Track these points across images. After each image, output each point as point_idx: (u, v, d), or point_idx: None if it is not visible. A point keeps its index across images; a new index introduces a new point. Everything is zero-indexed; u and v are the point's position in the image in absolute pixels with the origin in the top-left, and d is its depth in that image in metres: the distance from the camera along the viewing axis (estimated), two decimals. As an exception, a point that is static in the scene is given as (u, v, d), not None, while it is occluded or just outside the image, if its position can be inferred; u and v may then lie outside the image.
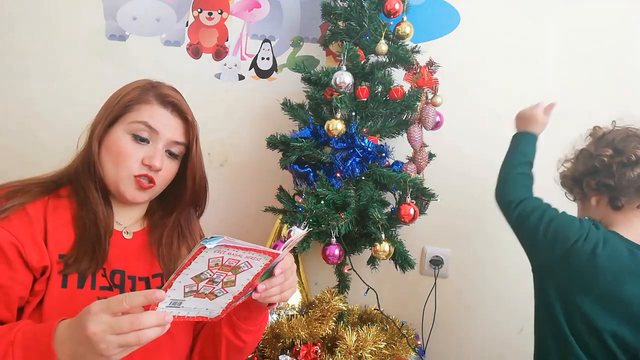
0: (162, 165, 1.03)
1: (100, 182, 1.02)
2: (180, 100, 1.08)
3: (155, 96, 1.05)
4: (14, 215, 0.92)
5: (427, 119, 1.45)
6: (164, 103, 1.05)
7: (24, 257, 0.90)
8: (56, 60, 1.83)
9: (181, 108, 1.07)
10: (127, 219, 1.08)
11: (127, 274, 1.02)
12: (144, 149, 1.02)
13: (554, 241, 1.25)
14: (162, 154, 1.04)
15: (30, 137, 1.83)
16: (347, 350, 1.32)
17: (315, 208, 1.38)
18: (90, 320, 0.72)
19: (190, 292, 0.80)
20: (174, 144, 1.06)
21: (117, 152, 1.01)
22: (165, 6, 1.80)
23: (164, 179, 1.06)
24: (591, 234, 1.23)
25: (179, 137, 1.06)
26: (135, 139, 1.02)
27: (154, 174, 1.03)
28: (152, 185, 1.03)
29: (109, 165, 1.02)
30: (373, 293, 1.53)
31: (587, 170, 1.32)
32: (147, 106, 1.04)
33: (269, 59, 1.80)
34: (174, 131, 1.05)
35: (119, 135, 1.02)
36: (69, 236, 0.97)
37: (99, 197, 1.01)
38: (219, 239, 0.74)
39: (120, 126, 1.03)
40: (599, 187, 1.29)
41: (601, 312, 1.20)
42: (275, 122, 1.65)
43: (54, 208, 0.98)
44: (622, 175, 1.24)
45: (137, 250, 1.07)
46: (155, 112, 1.04)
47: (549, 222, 1.27)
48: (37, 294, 0.92)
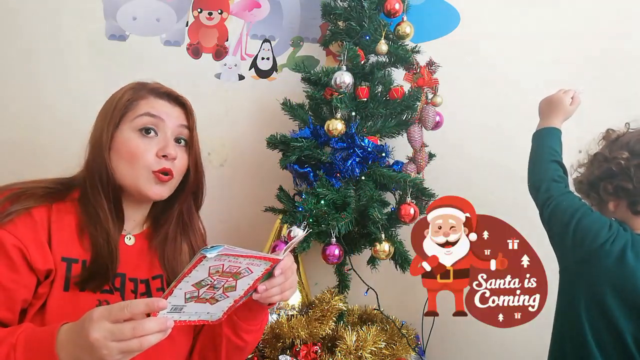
0: (177, 153, 1.03)
1: (114, 190, 1.01)
2: (173, 90, 1.09)
3: (148, 91, 1.06)
4: (19, 218, 0.92)
5: (427, 119, 1.45)
6: (159, 95, 1.07)
7: (28, 261, 0.90)
8: (56, 60, 1.82)
9: (176, 95, 1.08)
10: (131, 222, 1.08)
11: (128, 277, 1.02)
12: (155, 142, 1.02)
13: (583, 240, 1.22)
14: (173, 142, 1.04)
15: (29, 137, 1.83)
16: (347, 350, 1.32)
17: (315, 208, 1.38)
18: (92, 327, 0.72)
19: (191, 298, 0.80)
20: (181, 128, 1.06)
21: (129, 152, 1.01)
22: (165, 6, 1.80)
23: (179, 170, 1.06)
24: (620, 235, 1.21)
25: (184, 120, 1.07)
26: (143, 133, 1.02)
27: (171, 165, 1.03)
28: (170, 177, 1.03)
29: (124, 169, 1.01)
30: (373, 293, 1.53)
31: (603, 174, 1.29)
32: (144, 100, 1.05)
33: (269, 59, 1.80)
34: (176, 117, 1.06)
35: (126, 136, 1.02)
36: (73, 240, 0.97)
37: (109, 210, 1.00)
38: (219, 248, 0.74)
39: (124, 126, 1.03)
40: (617, 191, 1.26)
41: (626, 313, 1.19)
42: (275, 122, 1.65)
43: (58, 211, 0.98)
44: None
45: (137, 254, 1.07)
46: (154, 103, 1.05)
47: (579, 220, 1.24)
48: (40, 297, 0.92)
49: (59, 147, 1.70)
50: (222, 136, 1.81)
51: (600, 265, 1.21)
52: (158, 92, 1.07)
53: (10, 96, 1.84)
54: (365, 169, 1.45)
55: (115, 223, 1.00)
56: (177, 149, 1.05)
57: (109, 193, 1.00)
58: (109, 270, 0.97)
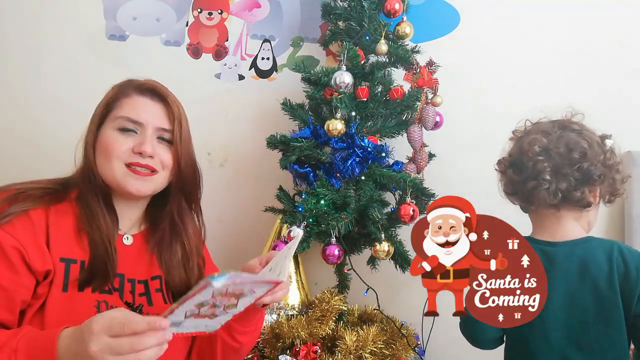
0: (154, 150, 1.02)
1: (101, 189, 1.01)
2: (158, 85, 1.08)
3: (132, 88, 1.06)
4: (17, 219, 0.92)
5: (427, 119, 1.45)
6: (141, 91, 1.06)
7: (27, 261, 0.90)
8: (56, 60, 1.82)
9: (159, 92, 1.07)
10: (126, 221, 1.07)
11: (127, 277, 1.02)
12: (132, 139, 1.02)
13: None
14: (151, 140, 1.02)
15: (29, 137, 1.83)
16: (347, 350, 1.32)
17: (315, 208, 1.38)
18: (91, 339, 0.73)
19: (191, 315, 0.80)
20: (162, 131, 1.05)
21: (106, 147, 1.01)
22: (165, 6, 1.80)
23: (164, 166, 1.05)
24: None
25: (164, 123, 1.05)
26: (122, 131, 1.02)
27: (150, 161, 1.02)
28: (152, 173, 1.02)
29: (102, 164, 1.01)
30: (373, 293, 1.53)
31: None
32: (127, 99, 1.04)
33: (269, 59, 1.80)
34: (157, 117, 1.04)
35: (106, 134, 1.02)
36: (72, 241, 0.97)
37: (102, 209, 1.00)
38: (226, 276, 0.73)
39: (106, 125, 1.03)
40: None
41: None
42: (275, 122, 1.65)
43: (56, 212, 0.98)
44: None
45: (136, 254, 1.07)
46: (135, 102, 1.04)
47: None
48: (39, 298, 0.92)
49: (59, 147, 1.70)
50: (222, 136, 1.81)
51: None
52: (141, 88, 1.06)
53: (10, 96, 1.84)
54: (365, 169, 1.45)
55: (109, 221, 1.00)
56: (159, 147, 1.04)
57: (98, 191, 1.01)
58: (108, 269, 0.97)
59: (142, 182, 1.02)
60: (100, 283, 0.97)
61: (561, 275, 1.15)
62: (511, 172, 1.22)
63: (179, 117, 1.07)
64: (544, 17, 1.71)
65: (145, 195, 1.05)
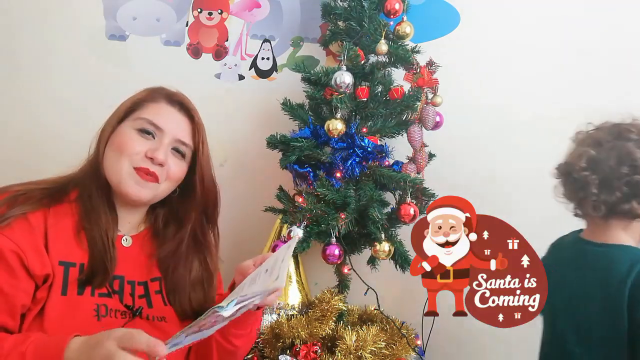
0: (166, 159, 1.02)
1: (104, 186, 1.01)
2: (187, 100, 1.10)
3: (163, 95, 1.07)
4: (16, 223, 0.92)
5: (427, 119, 1.45)
6: (171, 102, 1.07)
7: (26, 265, 0.90)
8: (56, 60, 1.82)
9: (188, 107, 1.08)
10: (126, 224, 1.07)
11: (127, 279, 1.02)
12: (148, 143, 1.02)
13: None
14: (166, 149, 1.03)
15: (29, 138, 1.83)
16: (347, 350, 1.32)
17: (315, 208, 1.38)
18: (108, 336, 0.74)
19: (190, 334, 0.81)
20: (180, 143, 1.05)
21: (120, 144, 1.01)
22: (165, 6, 1.80)
23: (170, 178, 1.04)
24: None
25: (185, 136, 1.06)
26: (140, 132, 1.02)
27: (158, 169, 1.01)
28: (154, 180, 1.02)
29: (111, 159, 1.01)
30: (373, 293, 1.53)
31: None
32: (154, 104, 1.05)
33: (269, 59, 1.80)
34: (180, 130, 1.05)
35: (124, 131, 1.03)
36: (71, 243, 0.97)
37: (103, 204, 1.00)
38: (233, 303, 0.74)
39: (126, 123, 1.04)
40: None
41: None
42: (275, 122, 1.65)
43: (55, 215, 0.97)
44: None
45: (135, 255, 1.06)
46: (162, 109, 1.05)
47: None
48: (38, 302, 0.92)
49: (59, 147, 1.70)
50: (222, 136, 1.80)
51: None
52: (172, 98, 1.07)
53: (10, 96, 1.84)
54: (365, 169, 1.45)
55: (109, 217, 1.00)
56: (170, 157, 1.04)
57: (101, 188, 1.01)
58: (107, 267, 0.97)
59: (141, 188, 1.02)
60: (100, 282, 0.97)
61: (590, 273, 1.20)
62: (563, 180, 1.27)
63: (203, 137, 1.09)
64: (544, 17, 1.71)
65: (142, 201, 1.05)
